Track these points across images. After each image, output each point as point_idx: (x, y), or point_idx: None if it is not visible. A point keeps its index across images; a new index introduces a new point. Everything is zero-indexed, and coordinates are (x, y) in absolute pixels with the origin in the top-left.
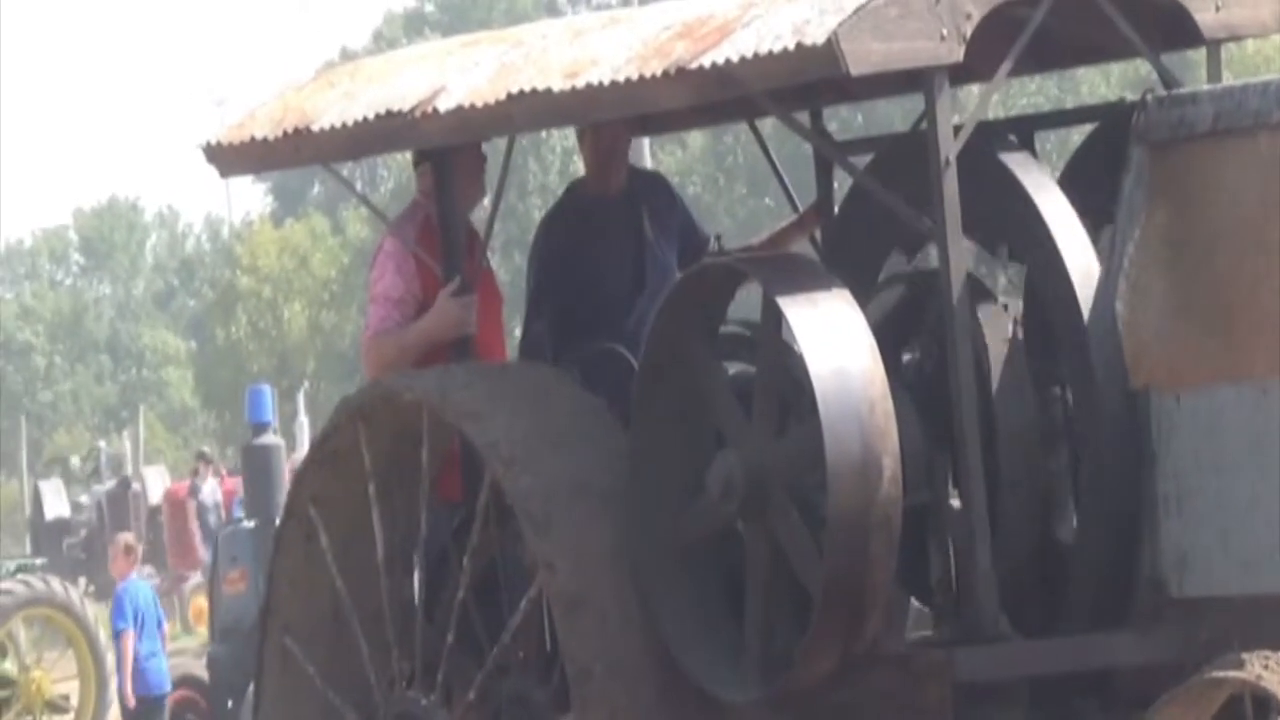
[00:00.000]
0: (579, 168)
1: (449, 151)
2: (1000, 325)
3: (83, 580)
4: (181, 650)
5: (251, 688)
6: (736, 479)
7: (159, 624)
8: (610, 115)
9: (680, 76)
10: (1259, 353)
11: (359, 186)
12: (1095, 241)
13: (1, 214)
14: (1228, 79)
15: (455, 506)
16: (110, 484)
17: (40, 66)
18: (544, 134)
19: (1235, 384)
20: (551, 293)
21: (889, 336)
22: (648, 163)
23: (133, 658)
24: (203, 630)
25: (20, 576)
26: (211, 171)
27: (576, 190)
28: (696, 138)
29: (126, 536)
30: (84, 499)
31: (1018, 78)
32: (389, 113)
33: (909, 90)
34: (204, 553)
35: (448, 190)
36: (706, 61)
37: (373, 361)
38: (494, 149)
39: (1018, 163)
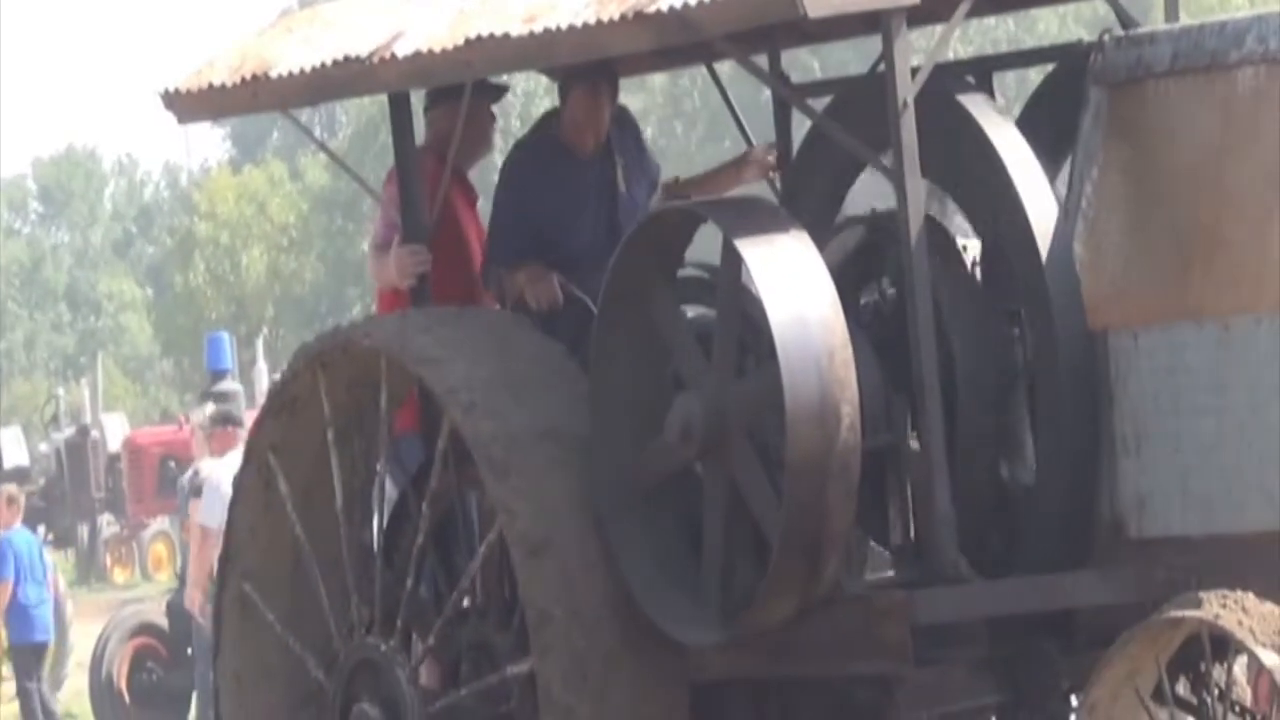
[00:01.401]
0: (540, 109)
1: (406, 97)
2: (958, 267)
3: (41, 529)
4: (141, 598)
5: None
6: (695, 421)
7: (44, 573)
8: (568, 60)
9: (638, 20)
10: (1218, 291)
11: (317, 132)
12: (1053, 182)
13: None
14: (1185, 19)
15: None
16: (69, 432)
17: None
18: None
19: (1195, 322)
20: (517, 240)
21: (848, 279)
22: None
23: (9, 604)
24: (162, 578)
25: None
26: (170, 118)
27: (550, 133)
28: (654, 80)
29: (9, 488)
30: (43, 447)
31: (976, 19)
32: (347, 59)
33: (867, 32)
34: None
35: (404, 134)
36: (664, 5)
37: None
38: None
39: (975, 104)
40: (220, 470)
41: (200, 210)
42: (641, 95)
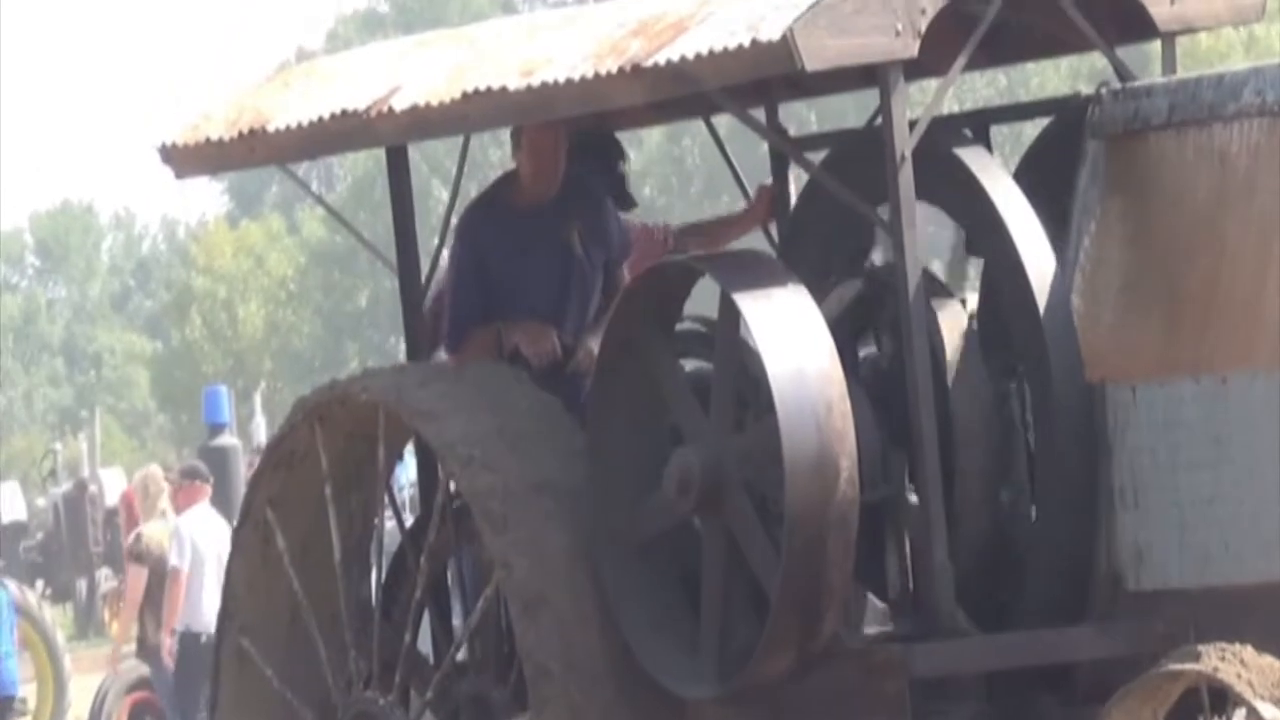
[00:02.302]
0: None
1: (404, 150)
2: (956, 320)
3: (40, 583)
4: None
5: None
6: (693, 475)
7: (11, 628)
8: (566, 113)
9: (636, 74)
10: (1215, 346)
11: (315, 186)
12: (1051, 235)
13: None
14: (1182, 72)
15: None
16: (67, 486)
17: None
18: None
19: (1192, 377)
20: (479, 298)
21: (845, 332)
22: None
23: None
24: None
25: None
26: (167, 173)
27: (506, 190)
28: (653, 140)
29: None
30: (40, 501)
31: (971, 72)
32: (344, 112)
33: (864, 86)
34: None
35: (402, 187)
36: (662, 58)
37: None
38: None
39: (973, 157)
40: (186, 522)
41: (197, 264)
42: (639, 153)
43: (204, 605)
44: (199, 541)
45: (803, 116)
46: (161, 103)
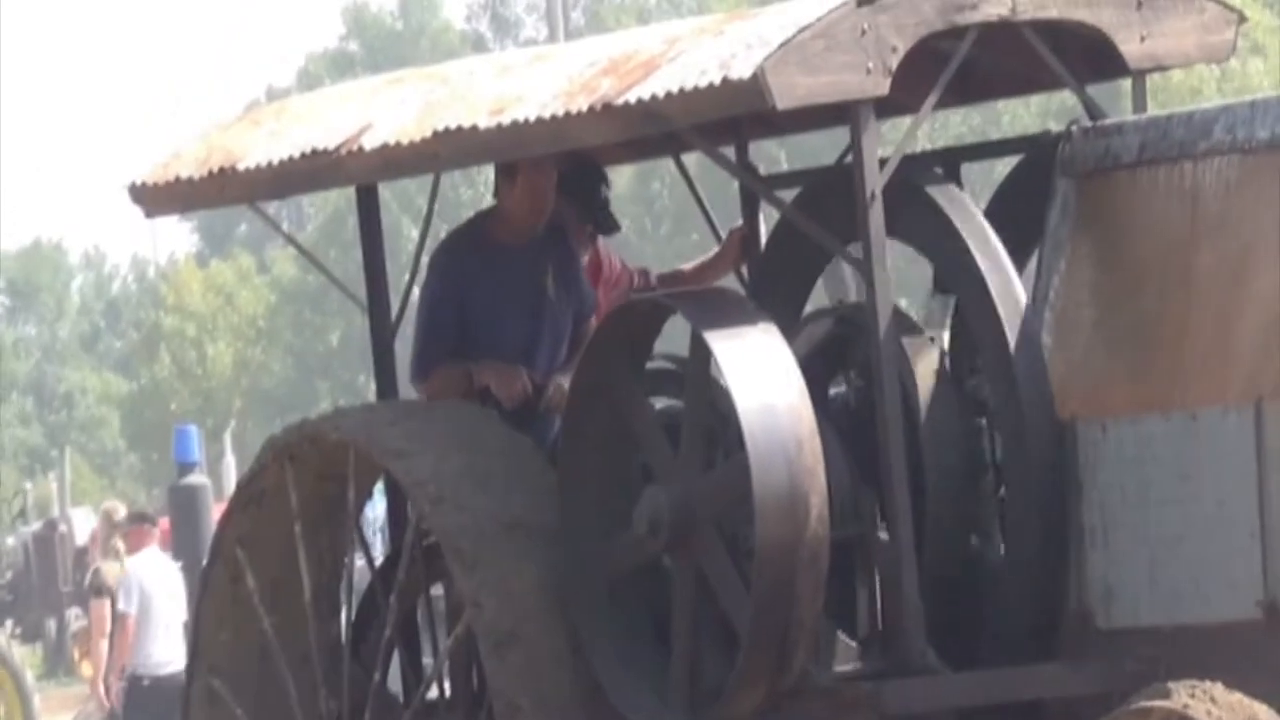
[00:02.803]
0: None
1: (374, 189)
2: (927, 358)
3: (9, 622)
4: None
5: None
6: (664, 514)
7: None
8: (536, 152)
9: (606, 112)
10: (1186, 383)
11: (285, 225)
12: (1022, 272)
13: None
14: (1153, 109)
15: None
16: (37, 526)
17: None
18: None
19: (1163, 414)
20: (450, 334)
21: (816, 370)
22: None
23: None
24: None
25: None
26: (137, 212)
27: (485, 227)
28: (623, 179)
29: None
30: (10, 541)
31: (943, 110)
32: (315, 151)
33: (835, 124)
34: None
35: (372, 226)
36: (632, 97)
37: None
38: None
39: (944, 195)
40: (135, 565)
41: (167, 304)
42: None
43: (151, 649)
44: (147, 585)
45: (773, 156)
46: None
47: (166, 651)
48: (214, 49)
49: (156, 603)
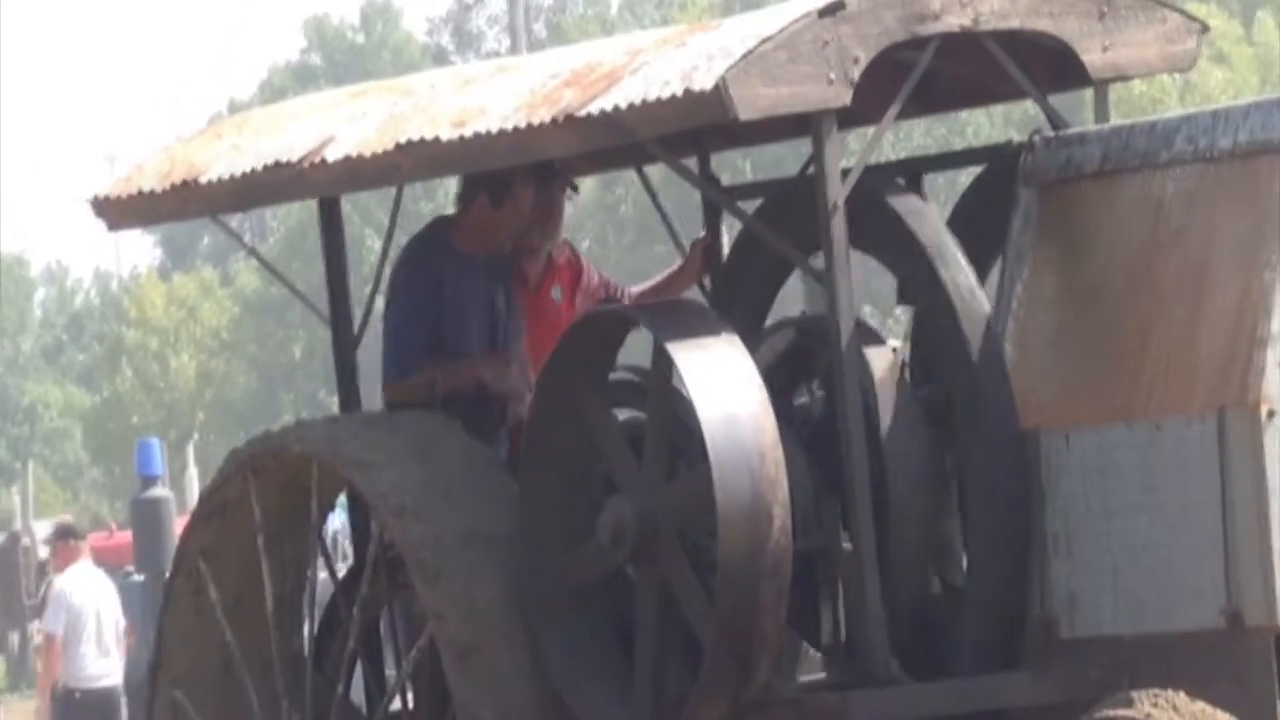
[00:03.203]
0: None
1: (337, 201)
2: (889, 368)
3: None
4: None
5: None
6: (627, 524)
7: None
8: (499, 164)
9: (569, 124)
10: (1149, 392)
11: (247, 238)
12: (984, 282)
13: None
14: (1115, 119)
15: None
16: None
17: None
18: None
19: (1126, 423)
20: (423, 337)
21: (779, 381)
22: None
23: None
24: None
25: None
26: (100, 225)
27: (445, 234)
28: (586, 189)
29: None
30: None
31: (906, 120)
32: (277, 164)
33: (797, 135)
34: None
35: (334, 238)
36: (595, 109)
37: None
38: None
39: (906, 205)
40: (64, 582)
41: (129, 317)
42: (570, 204)
43: (84, 663)
44: (75, 601)
45: (738, 166)
46: (93, 155)
47: (99, 665)
48: (175, 62)
49: (85, 619)
